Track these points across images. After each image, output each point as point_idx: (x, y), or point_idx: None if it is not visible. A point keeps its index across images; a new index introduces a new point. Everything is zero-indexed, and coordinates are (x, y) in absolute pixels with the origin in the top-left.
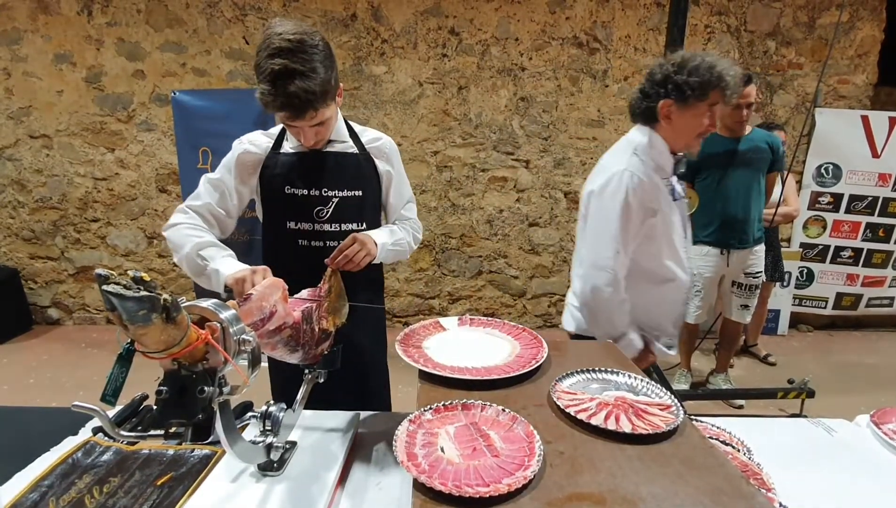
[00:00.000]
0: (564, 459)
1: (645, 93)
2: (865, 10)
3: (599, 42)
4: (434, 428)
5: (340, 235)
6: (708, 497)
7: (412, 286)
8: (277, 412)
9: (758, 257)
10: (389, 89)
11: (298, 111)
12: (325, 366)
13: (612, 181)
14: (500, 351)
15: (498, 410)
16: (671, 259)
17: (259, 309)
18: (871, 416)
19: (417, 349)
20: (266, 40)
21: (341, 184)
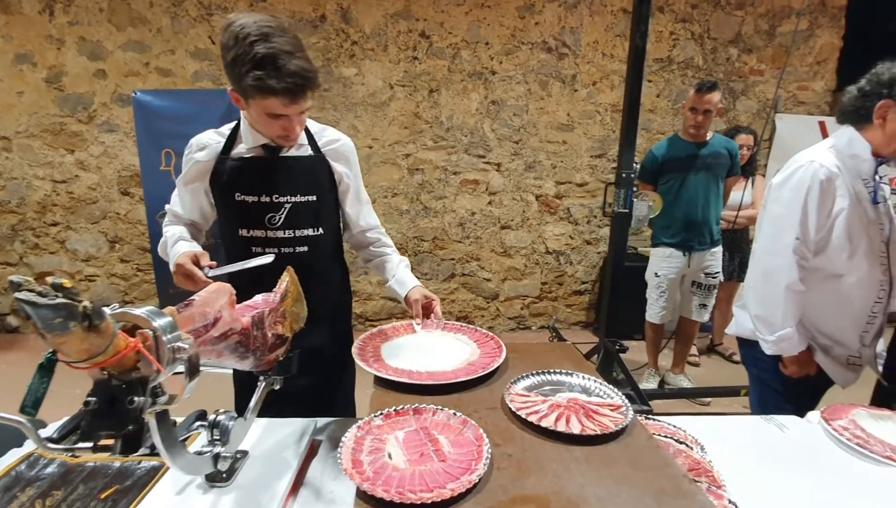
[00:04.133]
0: (512, 462)
1: (864, 92)
2: (824, 17)
3: (568, 47)
4: (383, 434)
5: (295, 241)
6: (651, 497)
7: (384, 290)
8: (226, 420)
9: (716, 258)
10: (360, 92)
11: (298, 92)
12: (281, 372)
13: (797, 172)
14: (460, 355)
15: (449, 414)
16: (861, 262)
17: (202, 315)
18: (822, 413)
19: (375, 354)
20: (240, 31)
21: (293, 189)
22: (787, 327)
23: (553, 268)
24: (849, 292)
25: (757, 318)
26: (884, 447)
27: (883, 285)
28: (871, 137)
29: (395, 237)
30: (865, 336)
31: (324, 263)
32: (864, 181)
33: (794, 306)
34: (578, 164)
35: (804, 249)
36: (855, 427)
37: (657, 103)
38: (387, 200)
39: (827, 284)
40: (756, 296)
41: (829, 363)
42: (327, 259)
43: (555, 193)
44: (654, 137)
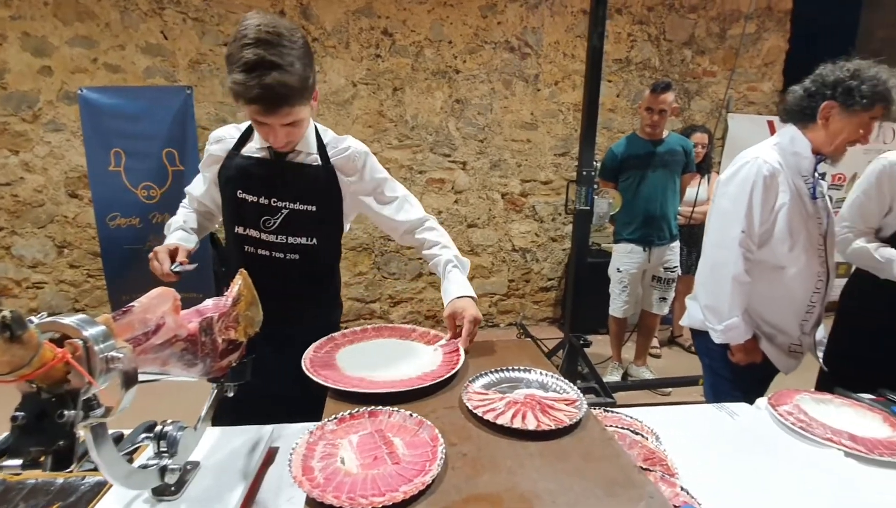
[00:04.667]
0: (467, 461)
1: (809, 92)
2: (771, 21)
3: (530, 47)
4: (336, 439)
5: (287, 248)
6: (601, 489)
7: (352, 291)
8: (174, 431)
9: (674, 253)
10: (322, 89)
11: (272, 106)
12: (234, 379)
13: (743, 168)
14: (419, 362)
15: (405, 415)
16: (801, 255)
17: (142, 322)
18: (769, 399)
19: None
20: (241, 31)
21: (293, 196)
22: (734, 316)
23: (520, 265)
24: (790, 283)
25: (706, 308)
26: (825, 429)
27: (821, 277)
28: (813, 136)
29: (361, 237)
30: (805, 325)
31: (314, 274)
32: (804, 178)
33: (740, 296)
34: (543, 162)
35: (749, 241)
36: (799, 412)
37: (617, 103)
38: None
39: (770, 275)
40: (705, 287)
41: (773, 351)
42: (318, 271)
43: (520, 191)
44: (614, 135)
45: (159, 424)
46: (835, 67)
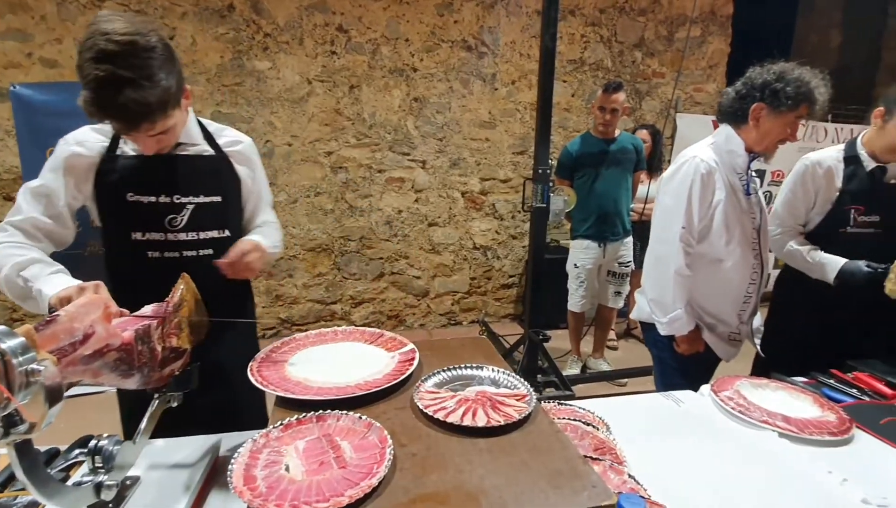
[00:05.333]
0: (416, 461)
1: (741, 94)
2: (714, 25)
3: (487, 46)
4: (282, 446)
5: (199, 244)
6: (546, 481)
7: (311, 292)
8: (109, 445)
9: (628, 248)
10: (275, 86)
11: (130, 124)
12: (178, 388)
13: (683, 166)
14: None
15: (354, 418)
16: (737, 248)
17: (68, 332)
18: (711, 386)
19: (279, 368)
20: (89, 39)
21: (196, 189)
22: (678, 308)
23: (481, 263)
24: (728, 275)
25: (652, 302)
26: (761, 412)
27: (755, 269)
28: (745, 136)
29: (320, 238)
30: (743, 314)
31: None
32: (739, 175)
33: (683, 289)
34: (501, 160)
35: (689, 237)
36: (738, 397)
37: (572, 102)
38: (310, 199)
39: (709, 268)
40: (650, 281)
41: (714, 340)
42: None
43: (480, 189)
44: (570, 134)
45: (94, 438)
46: (763, 69)
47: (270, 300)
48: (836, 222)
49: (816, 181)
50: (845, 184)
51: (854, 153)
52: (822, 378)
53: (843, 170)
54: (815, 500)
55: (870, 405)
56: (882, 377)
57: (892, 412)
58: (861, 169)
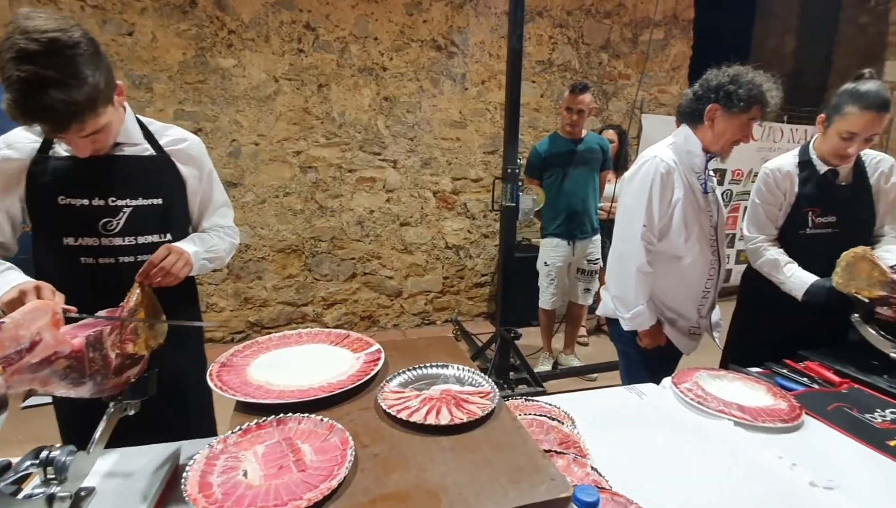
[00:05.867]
0: (378, 461)
1: (697, 95)
2: (677, 29)
3: (457, 46)
4: (240, 451)
5: (138, 249)
6: (506, 476)
7: (282, 294)
8: (62, 456)
9: (596, 246)
10: (241, 84)
11: (59, 125)
12: (135, 395)
13: (643, 166)
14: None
15: (316, 421)
16: (695, 245)
17: (13, 339)
18: (672, 378)
19: (240, 373)
20: (8, 39)
21: (134, 192)
22: (640, 304)
23: (454, 262)
24: (687, 271)
25: (616, 298)
26: (718, 402)
27: (713, 265)
28: (702, 136)
29: (290, 239)
30: (702, 309)
31: None
32: (697, 174)
33: (644, 285)
34: (472, 160)
35: (650, 235)
36: (697, 388)
37: (541, 103)
38: (278, 199)
39: (669, 265)
40: (614, 278)
41: (675, 334)
42: None
43: (451, 189)
44: (540, 134)
45: (46, 449)
46: (718, 72)
47: (239, 303)
48: (796, 225)
49: (780, 186)
50: (801, 188)
51: (807, 158)
52: (776, 368)
53: (798, 175)
54: (765, 485)
55: (819, 392)
56: (831, 365)
57: (839, 399)
58: (815, 173)
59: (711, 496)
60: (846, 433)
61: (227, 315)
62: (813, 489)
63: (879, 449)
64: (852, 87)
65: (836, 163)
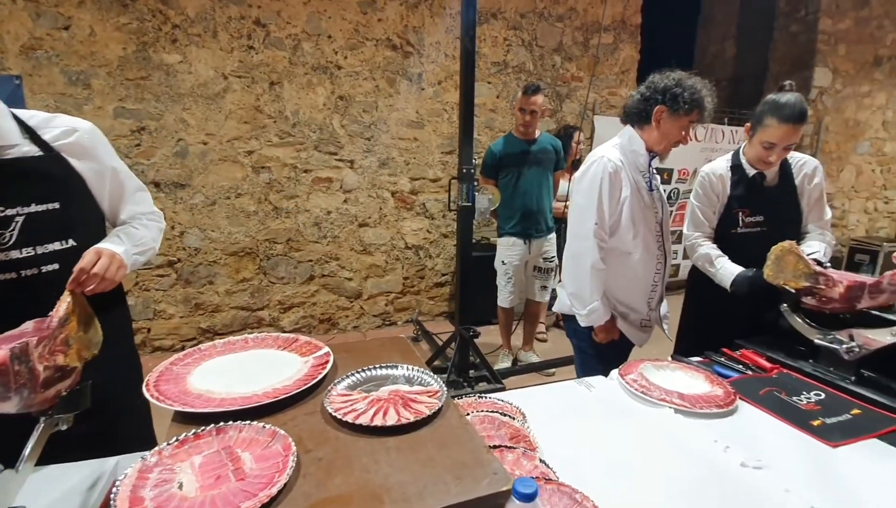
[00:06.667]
0: (321, 465)
1: (645, 97)
2: (625, 33)
3: (413, 46)
4: (176, 463)
5: (40, 260)
6: (450, 474)
7: (235, 299)
8: None
9: (551, 244)
10: (187, 81)
11: None
12: (67, 409)
13: (592, 166)
14: (283, 370)
15: (258, 428)
16: (643, 241)
17: None
18: (619, 370)
19: (179, 382)
20: None
21: (24, 198)
22: (595, 300)
23: (413, 263)
24: (636, 266)
25: (572, 295)
26: (660, 391)
27: (659, 259)
28: (647, 136)
29: (243, 241)
30: (651, 302)
31: None
32: (642, 173)
33: (598, 282)
34: (430, 160)
35: (602, 232)
36: (642, 379)
37: (497, 103)
38: (230, 201)
39: (620, 260)
40: (569, 275)
41: (627, 327)
42: None
43: (410, 189)
44: (496, 134)
45: None
46: (662, 76)
47: (189, 310)
48: (728, 224)
49: (715, 188)
50: (732, 190)
51: (738, 162)
52: (715, 357)
53: (730, 177)
54: (701, 467)
55: (752, 378)
56: (763, 352)
57: (770, 384)
58: (744, 176)
59: (652, 481)
60: (775, 416)
61: (176, 322)
62: (743, 469)
63: (803, 429)
64: (773, 99)
65: (760, 168)
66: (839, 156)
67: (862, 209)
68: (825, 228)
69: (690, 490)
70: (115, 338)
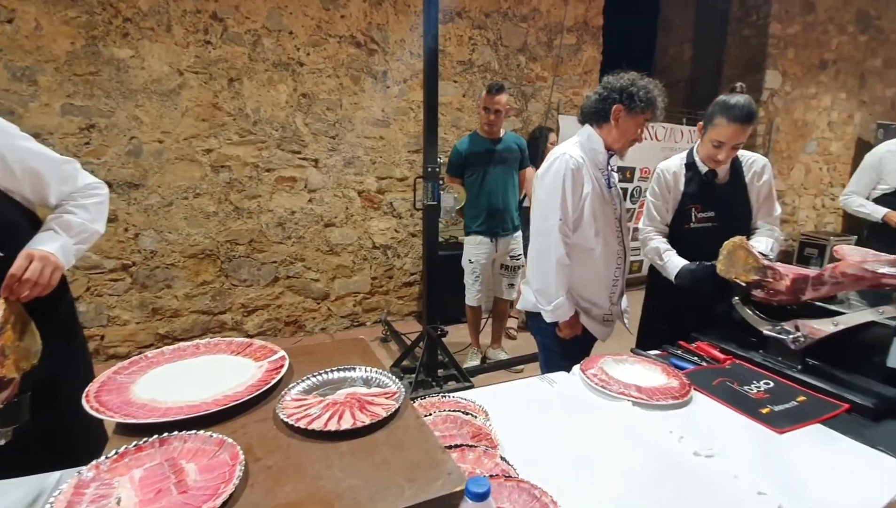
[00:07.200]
0: (270, 474)
1: (602, 97)
2: (587, 35)
3: (377, 44)
4: (115, 477)
5: None
6: (403, 475)
7: (195, 303)
8: None
9: (518, 242)
10: (140, 77)
11: None
12: (5, 423)
13: (555, 163)
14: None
15: (204, 438)
16: (604, 237)
17: None
18: (580, 365)
19: (122, 391)
20: None
21: None
22: (560, 296)
23: (382, 262)
24: (597, 262)
25: (537, 292)
26: (619, 385)
27: (619, 255)
28: (605, 135)
29: (202, 243)
30: (613, 296)
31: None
32: (601, 170)
33: (563, 277)
34: (397, 159)
35: (566, 228)
36: (602, 373)
37: (464, 102)
38: (188, 201)
39: (582, 256)
40: (534, 272)
41: (590, 322)
42: None
43: (376, 188)
44: (463, 133)
45: None
46: (617, 77)
47: (145, 315)
48: (682, 220)
49: (669, 184)
50: (686, 187)
51: (692, 160)
52: (672, 350)
53: (684, 175)
54: (656, 458)
55: (706, 369)
56: (717, 344)
57: (723, 374)
58: (697, 173)
59: (611, 474)
60: (727, 405)
61: (132, 329)
62: (696, 458)
63: (753, 417)
64: (723, 100)
65: (711, 166)
66: (789, 155)
67: (811, 206)
68: (774, 224)
69: (648, 482)
70: (64, 338)
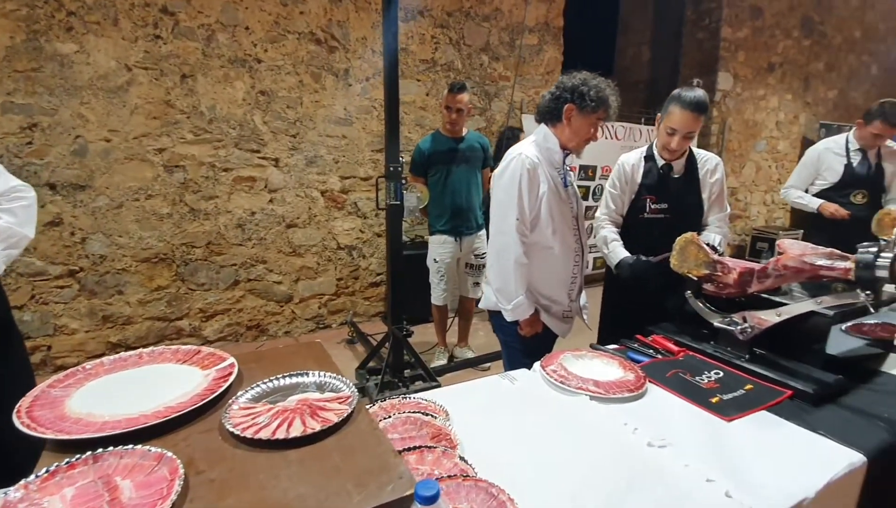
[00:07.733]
0: (213, 487)
1: (555, 96)
2: (549, 35)
3: (338, 41)
4: (44, 497)
5: None
6: (353, 482)
7: (149, 309)
8: None
9: (482, 241)
10: (85, 73)
11: None
12: None
13: (511, 163)
14: (180, 386)
15: (142, 452)
16: (561, 235)
17: None
18: (541, 362)
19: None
20: None
21: None
22: (520, 295)
23: (347, 263)
24: (556, 259)
25: (497, 291)
26: (578, 380)
27: (577, 252)
28: (559, 134)
29: (156, 246)
30: (571, 294)
31: None
32: (557, 169)
33: (522, 276)
34: (360, 158)
35: (523, 227)
36: (561, 369)
37: (427, 101)
38: (139, 203)
39: (541, 254)
40: (494, 271)
41: (550, 319)
42: None
43: (340, 187)
44: (427, 132)
45: None
46: (570, 76)
47: (95, 323)
48: (637, 210)
49: (625, 176)
50: (644, 178)
51: (651, 154)
52: (629, 343)
53: (643, 167)
54: (611, 450)
55: (661, 362)
56: (671, 336)
57: (676, 366)
58: (655, 166)
59: (569, 469)
60: (680, 396)
61: (81, 338)
62: (650, 448)
63: (703, 406)
64: (679, 91)
65: (667, 157)
66: (741, 154)
67: (762, 202)
68: (723, 221)
69: (603, 475)
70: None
